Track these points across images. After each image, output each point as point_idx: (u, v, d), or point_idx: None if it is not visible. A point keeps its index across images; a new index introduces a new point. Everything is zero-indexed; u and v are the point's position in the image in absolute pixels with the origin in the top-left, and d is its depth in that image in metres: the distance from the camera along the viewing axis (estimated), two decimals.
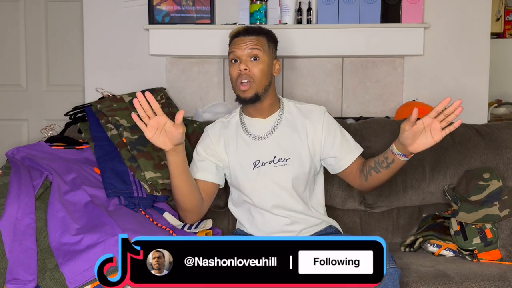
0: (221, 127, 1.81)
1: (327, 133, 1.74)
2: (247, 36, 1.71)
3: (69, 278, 1.56)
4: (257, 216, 1.74)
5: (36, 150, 2.01)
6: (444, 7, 2.44)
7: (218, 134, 1.79)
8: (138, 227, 1.74)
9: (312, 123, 1.74)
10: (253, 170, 1.72)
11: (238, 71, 1.68)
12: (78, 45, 2.82)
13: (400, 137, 1.55)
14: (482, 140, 2.10)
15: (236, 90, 1.72)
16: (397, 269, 1.45)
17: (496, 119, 3.22)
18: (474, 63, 2.46)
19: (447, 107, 1.47)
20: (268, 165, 1.72)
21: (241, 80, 1.68)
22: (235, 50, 1.70)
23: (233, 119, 1.82)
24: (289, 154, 1.72)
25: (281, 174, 1.71)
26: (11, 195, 1.72)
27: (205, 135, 1.83)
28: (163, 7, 2.40)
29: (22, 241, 1.63)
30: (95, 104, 2.21)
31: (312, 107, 1.79)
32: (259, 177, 1.72)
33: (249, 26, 1.76)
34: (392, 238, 2.07)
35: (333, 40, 2.34)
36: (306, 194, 1.75)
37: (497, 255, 1.83)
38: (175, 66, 2.52)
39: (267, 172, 1.71)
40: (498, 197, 1.88)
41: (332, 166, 1.77)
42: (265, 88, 1.71)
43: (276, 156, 1.72)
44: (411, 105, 2.33)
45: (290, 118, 1.76)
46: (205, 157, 1.78)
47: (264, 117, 1.76)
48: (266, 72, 1.71)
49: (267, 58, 1.71)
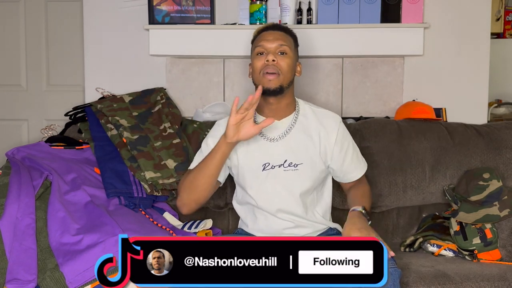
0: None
1: (339, 147, 1.74)
2: (276, 31, 1.72)
3: (69, 278, 1.56)
4: (260, 218, 1.73)
5: (36, 150, 2.01)
6: (444, 7, 2.44)
7: None
8: (138, 227, 1.74)
9: (326, 131, 1.73)
10: (262, 172, 1.71)
11: (266, 61, 1.67)
12: (78, 45, 2.82)
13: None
14: (482, 140, 2.10)
15: (260, 81, 1.68)
16: (397, 269, 1.45)
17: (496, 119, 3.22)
18: (474, 63, 2.46)
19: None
20: (277, 168, 1.70)
21: (267, 70, 1.66)
22: (263, 43, 1.69)
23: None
24: (300, 159, 1.70)
25: (290, 179, 1.70)
26: (11, 195, 1.72)
27: (217, 128, 1.80)
28: (163, 7, 2.40)
29: (22, 241, 1.63)
30: (95, 104, 2.21)
31: (328, 114, 1.78)
32: (268, 180, 1.70)
33: (278, 23, 1.77)
34: (392, 238, 2.07)
35: (333, 40, 2.34)
36: (313, 198, 1.74)
37: (497, 255, 1.83)
38: (175, 66, 2.52)
39: (276, 176, 1.70)
40: (498, 197, 1.89)
41: (335, 175, 1.81)
42: (288, 84, 1.70)
43: (286, 160, 1.70)
44: (411, 105, 2.33)
45: (304, 122, 1.74)
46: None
47: (279, 118, 1.73)
48: (292, 68, 1.71)
49: (293, 56, 1.72)
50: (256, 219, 1.75)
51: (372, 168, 2.08)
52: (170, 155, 2.02)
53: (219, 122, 1.83)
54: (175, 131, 2.12)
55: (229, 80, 2.52)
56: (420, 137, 2.11)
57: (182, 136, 2.12)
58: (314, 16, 2.41)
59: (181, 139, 2.10)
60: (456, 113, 2.42)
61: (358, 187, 1.79)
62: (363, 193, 1.76)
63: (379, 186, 2.05)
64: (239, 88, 2.51)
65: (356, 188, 1.78)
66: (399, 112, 2.35)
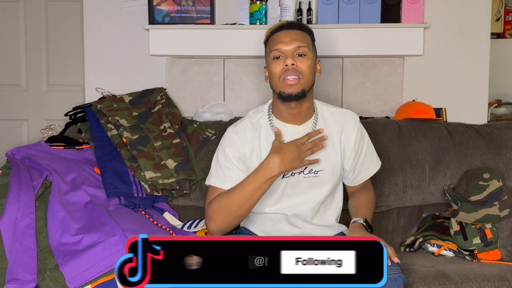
0: (251, 129, 1.68)
1: (356, 149, 1.70)
2: (291, 30, 1.61)
3: (69, 278, 1.56)
4: (268, 223, 1.69)
5: (36, 150, 2.01)
6: (444, 7, 2.44)
7: (250, 138, 1.66)
8: (138, 227, 1.74)
9: (346, 134, 1.68)
10: (281, 180, 1.64)
11: (284, 66, 1.57)
12: (78, 45, 2.82)
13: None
14: (482, 140, 2.10)
15: (279, 86, 1.59)
16: (402, 275, 1.42)
17: (496, 119, 3.22)
18: (474, 63, 2.45)
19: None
20: (297, 175, 1.64)
21: (287, 75, 1.56)
22: (280, 47, 1.58)
23: (262, 120, 1.69)
24: (321, 166, 1.64)
25: (311, 187, 1.65)
26: (11, 195, 1.72)
27: (233, 137, 1.67)
28: (163, 7, 2.40)
29: (22, 241, 1.63)
30: (95, 104, 2.21)
31: (346, 113, 1.72)
32: (287, 188, 1.65)
33: (292, 21, 1.66)
34: (392, 238, 2.07)
35: (333, 40, 2.34)
36: (327, 203, 1.70)
37: (497, 255, 1.83)
38: (175, 66, 2.52)
39: (296, 183, 1.64)
40: (498, 197, 1.88)
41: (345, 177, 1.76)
42: (310, 87, 1.62)
43: (307, 167, 1.64)
44: (411, 105, 2.33)
45: (324, 125, 1.67)
46: (235, 165, 1.65)
47: (299, 123, 1.66)
48: (312, 69, 1.62)
49: (312, 56, 1.62)
50: (264, 224, 1.70)
51: None
52: (170, 155, 2.02)
53: (234, 128, 1.70)
54: (175, 131, 2.12)
55: (229, 80, 2.51)
56: (420, 137, 2.11)
57: (182, 136, 2.12)
58: (314, 16, 2.41)
59: (181, 139, 2.10)
60: (456, 113, 2.42)
61: (363, 193, 1.74)
62: (367, 204, 1.70)
63: (379, 186, 2.05)
64: (239, 88, 2.51)
65: (360, 196, 1.73)
66: (399, 112, 2.35)
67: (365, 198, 1.73)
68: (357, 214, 1.64)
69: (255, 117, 1.70)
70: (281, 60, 1.59)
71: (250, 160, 1.65)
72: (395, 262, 1.42)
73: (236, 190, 1.59)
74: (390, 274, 1.37)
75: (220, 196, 1.62)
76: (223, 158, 1.66)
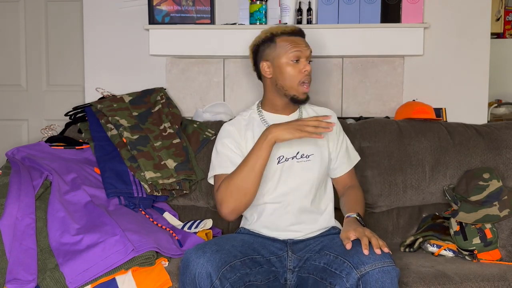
0: (245, 122, 1.80)
1: (336, 139, 1.82)
2: (302, 37, 1.77)
3: (69, 278, 1.56)
4: (267, 212, 1.72)
5: (36, 150, 2.01)
6: (444, 7, 2.44)
7: (244, 129, 1.78)
8: (138, 227, 1.74)
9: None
10: (277, 165, 1.72)
11: (304, 71, 1.71)
12: (78, 45, 2.82)
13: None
14: (482, 140, 2.10)
15: (294, 90, 1.73)
16: (396, 268, 1.42)
17: (496, 119, 3.22)
18: (474, 63, 2.46)
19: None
20: (291, 160, 1.73)
21: (305, 80, 1.72)
22: (301, 50, 1.72)
23: (253, 115, 1.82)
24: (311, 150, 1.75)
25: (303, 170, 1.73)
26: (11, 195, 1.72)
27: (229, 129, 1.79)
28: (163, 7, 2.40)
29: (22, 241, 1.63)
30: (95, 104, 2.21)
31: (325, 110, 1.87)
32: (283, 173, 1.72)
33: (299, 27, 1.78)
34: (392, 238, 2.07)
35: (333, 40, 2.34)
36: (321, 191, 1.78)
37: (497, 255, 1.83)
38: (175, 66, 2.52)
39: (290, 168, 1.73)
40: (498, 197, 1.88)
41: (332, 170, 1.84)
42: None
43: (299, 152, 1.74)
44: (411, 105, 2.33)
45: (308, 116, 1.81)
46: (234, 151, 1.74)
47: (288, 113, 1.79)
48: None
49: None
50: (262, 214, 1.73)
51: (372, 168, 2.08)
52: (170, 155, 2.02)
53: (229, 123, 1.83)
54: (175, 131, 2.12)
55: (229, 80, 2.52)
56: (420, 137, 2.11)
57: (182, 136, 2.12)
58: (314, 16, 2.41)
59: (181, 139, 2.10)
60: (456, 113, 2.42)
61: (351, 193, 1.80)
62: (356, 200, 1.77)
63: (379, 186, 2.05)
64: (239, 88, 2.51)
65: (349, 194, 1.79)
66: (399, 112, 2.35)
67: (354, 195, 1.79)
68: (350, 209, 1.70)
69: (245, 115, 1.83)
70: (299, 64, 1.72)
71: (246, 148, 1.74)
72: (385, 252, 1.43)
73: (239, 167, 1.67)
74: (383, 266, 1.38)
75: (225, 179, 1.69)
76: (222, 148, 1.76)
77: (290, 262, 1.63)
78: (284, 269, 1.61)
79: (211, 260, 1.42)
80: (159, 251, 1.67)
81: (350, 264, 1.41)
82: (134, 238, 1.64)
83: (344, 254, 1.47)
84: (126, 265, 1.60)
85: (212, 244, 1.50)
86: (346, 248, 1.47)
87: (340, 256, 1.47)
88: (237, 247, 1.54)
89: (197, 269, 1.41)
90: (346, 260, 1.44)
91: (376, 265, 1.38)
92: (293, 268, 1.61)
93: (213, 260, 1.42)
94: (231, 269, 1.44)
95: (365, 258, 1.40)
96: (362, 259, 1.41)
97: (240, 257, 1.50)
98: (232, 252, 1.49)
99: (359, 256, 1.42)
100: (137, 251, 1.60)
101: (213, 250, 1.45)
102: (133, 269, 1.61)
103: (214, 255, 1.43)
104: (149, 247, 1.63)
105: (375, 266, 1.38)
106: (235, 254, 1.50)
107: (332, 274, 1.45)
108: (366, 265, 1.39)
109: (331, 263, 1.48)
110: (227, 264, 1.44)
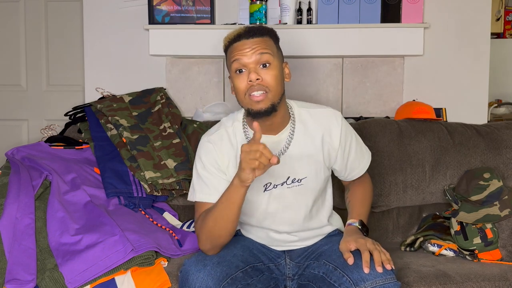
0: (227, 140, 1.56)
1: (343, 148, 1.60)
2: (251, 38, 1.45)
3: (68, 278, 1.56)
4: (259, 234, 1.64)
5: (36, 150, 2.01)
6: (444, 7, 2.44)
7: (226, 150, 1.55)
8: (137, 227, 1.74)
9: (329, 134, 1.58)
10: (263, 193, 1.54)
11: (249, 82, 1.43)
12: (78, 45, 2.82)
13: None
14: (482, 140, 2.10)
15: (246, 103, 1.47)
16: (397, 283, 1.36)
17: (496, 119, 3.22)
18: (474, 63, 2.46)
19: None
20: (280, 187, 1.54)
21: (252, 91, 1.43)
22: (240, 57, 1.44)
23: (237, 131, 1.57)
24: (304, 173, 1.55)
25: (295, 196, 1.56)
26: (11, 195, 1.72)
27: (208, 147, 1.55)
28: (163, 7, 2.40)
29: (22, 241, 1.63)
30: (95, 104, 2.21)
31: (327, 112, 1.59)
32: (271, 200, 1.55)
33: (250, 26, 1.49)
34: (392, 238, 2.07)
35: (333, 40, 2.34)
36: (318, 206, 1.63)
37: (497, 255, 1.83)
38: (175, 66, 2.52)
39: (280, 195, 1.55)
40: (498, 197, 1.88)
41: (338, 175, 1.72)
42: (280, 98, 1.48)
43: (289, 177, 1.54)
44: (411, 105, 2.33)
45: (303, 128, 1.56)
46: (216, 174, 1.53)
47: (275, 133, 1.54)
48: (279, 79, 1.47)
49: (277, 63, 1.48)
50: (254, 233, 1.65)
51: (372, 168, 2.07)
52: (170, 155, 2.02)
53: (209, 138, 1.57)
54: (175, 131, 2.12)
55: (229, 80, 2.51)
56: (420, 137, 2.10)
57: (182, 136, 2.12)
58: (314, 16, 2.41)
59: (181, 139, 2.10)
60: (456, 113, 2.42)
61: (358, 186, 1.70)
62: (363, 198, 1.66)
63: (379, 186, 2.05)
64: None
65: (356, 188, 1.69)
66: (399, 112, 2.35)
67: (361, 192, 1.68)
68: (353, 213, 1.60)
69: (230, 125, 1.58)
70: (244, 74, 1.45)
71: (227, 171, 1.54)
72: (388, 269, 1.35)
73: (211, 211, 1.47)
74: (384, 284, 1.33)
75: (202, 216, 1.51)
76: (202, 169, 1.55)
77: (289, 270, 1.57)
78: (284, 276, 1.56)
79: (211, 274, 1.35)
80: (158, 251, 1.67)
81: (350, 280, 1.34)
82: (134, 238, 1.64)
83: (344, 267, 1.39)
84: (126, 265, 1.60)
85: (213, 255, 1.44)
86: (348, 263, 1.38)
87: (339, 268, 1.39)
88: (238, 256, 1.47)
89: (197, 283, 1.35)
90: (345, 274, 1.37)
91: (377, 282, 1.32)
92: (292, 276, 1.56)
93: (213, 274, 1.35)
94: (232, 281, 1.37)
95: (366, 274, 1.34)
96: (362, 275, 1.34)
97: (242, 267, 1.43)
98: (234, 263, 1.42)
99: (359, 271, 1.35)
100: (136, 251, 1.60)
101: (214, 262, 1.39)
102: (132, 269, 1.61)
103: (215, 269, 1.37)
104: (149, 247, 1.63)
105: (376, 283, 1.32)
106: (237, 264, 1.43)
107: (331, 286, 1.39)
108: (366, 282, 1.32)
109: (330, 274, 1.41)
110: (229, 277, 1.37)
